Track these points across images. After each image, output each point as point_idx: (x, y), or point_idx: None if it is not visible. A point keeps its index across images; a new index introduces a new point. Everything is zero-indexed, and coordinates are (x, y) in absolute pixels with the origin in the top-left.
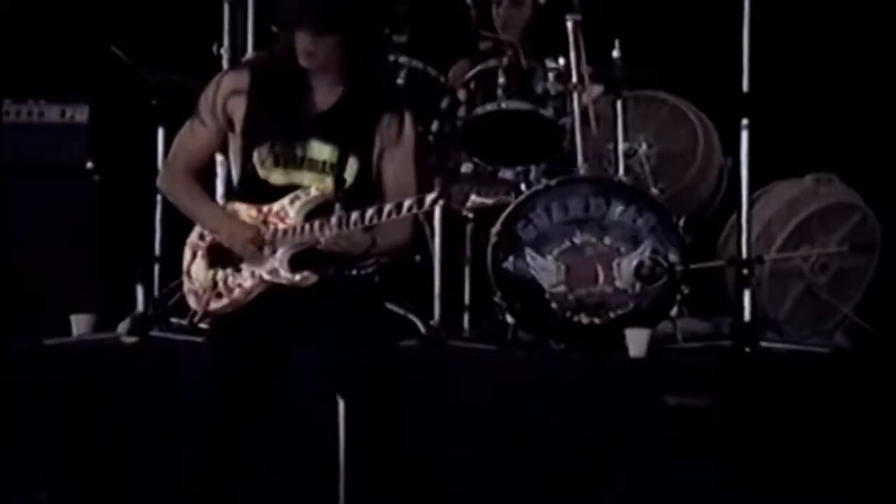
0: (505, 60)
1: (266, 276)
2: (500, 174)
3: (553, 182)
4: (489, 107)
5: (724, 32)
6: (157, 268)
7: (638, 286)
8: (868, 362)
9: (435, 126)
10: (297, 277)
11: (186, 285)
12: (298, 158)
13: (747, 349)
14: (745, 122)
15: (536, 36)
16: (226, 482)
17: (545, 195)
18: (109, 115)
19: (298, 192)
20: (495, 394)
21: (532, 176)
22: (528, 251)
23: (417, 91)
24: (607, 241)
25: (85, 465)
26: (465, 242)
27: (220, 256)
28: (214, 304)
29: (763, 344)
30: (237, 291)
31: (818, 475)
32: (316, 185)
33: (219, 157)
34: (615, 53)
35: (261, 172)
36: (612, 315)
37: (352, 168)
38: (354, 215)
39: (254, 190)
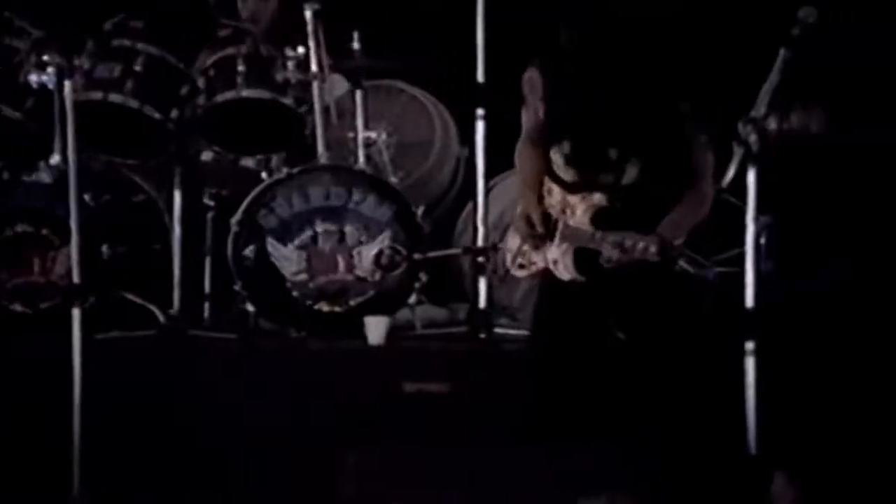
0: (244, 48)
1: (549, 265)
2: (241, 163)
3: (294, 171)
4: (228, 94)
5: (455, 23)
6: None
7: (377, 274)
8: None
9: (174, 114)
10: (568, 277)
11: (506, 243)
12: (590, 159)
13: (482, 335)
14: (480, 112)
15: (280, 26)
16: None
17: (286, 184)
18: None
19: (587, 194)
20: (238, 382)
21: (273, 164)
22: (270, 240)
23: (156, 79)
24: (348, 229)
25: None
26: (205, 231)
27: None
28: (518, 273)
29: (497, 330)
30: (533, 268)
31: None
32: (601, 189)
33: None
34: (355, 44)
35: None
36: (352, 303)
37: (631, 172)
38: (616, 246)
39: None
